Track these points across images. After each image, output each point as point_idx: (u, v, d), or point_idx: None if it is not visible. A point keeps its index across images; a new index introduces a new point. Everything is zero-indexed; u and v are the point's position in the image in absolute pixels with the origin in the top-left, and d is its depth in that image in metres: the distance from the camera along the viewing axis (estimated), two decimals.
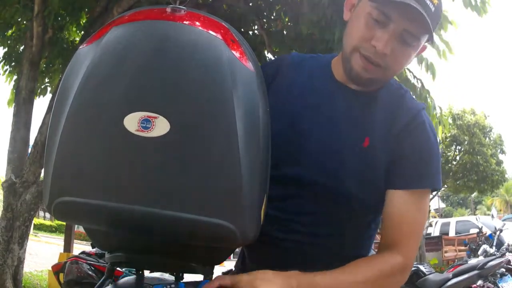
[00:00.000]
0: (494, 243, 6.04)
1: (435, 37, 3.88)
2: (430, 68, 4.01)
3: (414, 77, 4.29)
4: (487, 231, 7.36)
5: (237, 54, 0.81)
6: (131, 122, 0.72)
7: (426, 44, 1.01)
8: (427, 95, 4.29)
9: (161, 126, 0.72)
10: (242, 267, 1.14)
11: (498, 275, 5.17)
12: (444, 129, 4.59)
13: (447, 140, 14.52)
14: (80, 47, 0.83)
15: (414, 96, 4.10)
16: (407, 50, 0.95)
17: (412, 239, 0.97)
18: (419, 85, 4.28)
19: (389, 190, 0.97)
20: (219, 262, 1.02)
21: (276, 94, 1.02)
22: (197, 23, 0.82)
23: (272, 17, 4.99)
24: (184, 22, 0.81)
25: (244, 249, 1.14)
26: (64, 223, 12.37)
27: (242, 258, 1.17)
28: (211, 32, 0.80)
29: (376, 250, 1.02)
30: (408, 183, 0.96)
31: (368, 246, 1.12)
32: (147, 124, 0.72)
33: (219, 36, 0.80)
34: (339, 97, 1.03)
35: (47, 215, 25.91)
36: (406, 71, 4.27)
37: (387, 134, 0.97)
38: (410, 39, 0.93)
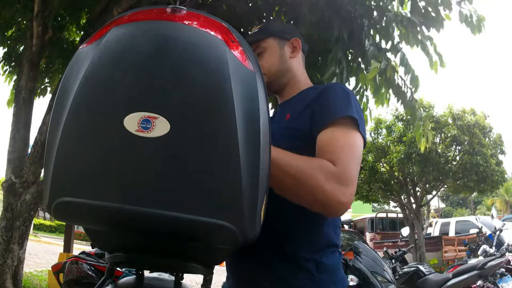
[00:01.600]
0: (494, 243, 6.04)
1: (430, 48, 3.87)
2: (414, 80, 4.03)
3: (406, 85, 4.25)
4: (487, 231, 7.35)
5: (237, 54, 0.81)
6: (131, 122, 0.72)
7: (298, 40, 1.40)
8: (415, 105, 4.26)
9: (161, 127, 0.72)
10: None
11: (498, 275, 5.17)
12: (427, 143, 4.50)
13: (447, 140, 14.52)
14: (80, 47, 0.83)
15: (402, 105, 4.07)
16: (263, 55, 1.34)
17: (344, 153, 1.06)
18: (409, 93, 4.25)
19: (316, 138, 1.13)
20: (219, 262, 1.02)
21: None
22: (197, 23, 0.82)
23: (272, 18, 4.98)
24: (184, 22, 0.81)
25: None
26: (64, 223, 12.38)
27: None
28: (211, 32, 0.80)
29: (376, 250, 1.03)
30: (322, 122, 1.13)
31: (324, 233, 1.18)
32: (147, 125, 0.72)
33: (219, 36, 0.80)
34: (275, 115, 1.38)
35: (47, 215, 25.91)
36: (399, 79, 4.23)
37: (303, 107, 1.22)
38: (257, 50, 1.34)
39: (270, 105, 1.30)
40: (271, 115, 1.21)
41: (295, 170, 1.01)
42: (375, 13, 3.81)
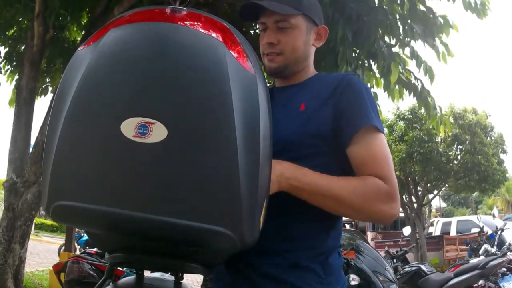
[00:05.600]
0: (496, 243, 6.02)
1: (436, 40, 3.87)
2: (428, 71, 4.02)
3: (415, 77, 4.28)
4: (488, 230, 7.33)
5: (237, 57, 0.80)
6: (128, 127, 0.71)
7: (323, 25, 1.27)
8: (427, 95, 4.28)
9: (158, 132, 0.71)
10: None
11: (500, 275, 5.15)
12: (446, 128, 4.58)
13: (449, 139, 14.49)
14: (78, 49, 0.83)
15: (414, 97, 4.09)
16: (289, 32, 1.20)
17: (386, 167, 1.10)
18: (420, 85, 4.27)
19: (347, 149, 1.12)
20: (220, 263, 1.01)
21: None
22: (198, 24, 0.81)
23: None
24: (184, 23, 0.80)
25: None
26: None
27: None
28: (211, 33, 0.79)
29: (378, 249, 1.04)
30: (352, 129, 1.11)
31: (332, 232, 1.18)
32: (144, 130, 0.71)
33: (219, 37, 0.79)
34: (279, 94, 1.25)
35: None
36: (407, 72, 4.25)
37: (321, 99, 1.16)
38: (283, 24, 1.19)
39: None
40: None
41: (353, 198, 1.06)
42: (379, 12, 3.80)
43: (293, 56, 1.22)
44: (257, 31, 5.39)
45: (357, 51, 4.13)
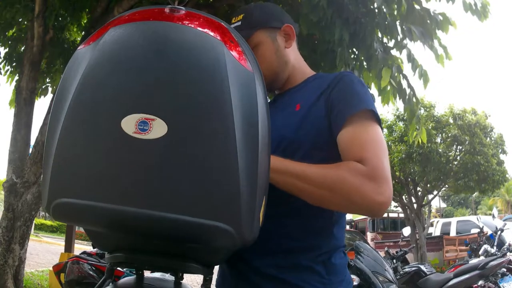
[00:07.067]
0: (495, 243, 6.03)
1: (435, 42, 3.87)
2: (423, 75, 4.02)
3: (408, 85, 4.26)
4: (488, 231, 7.33)
5: (236, 55, 0.80)
6: (129, 124, 0.71)
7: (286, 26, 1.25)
8: (415, 105, 4.26)
9: (158, 128, 0.72)
10: None
11: (499, 275, 5.15)
12: (421, 137, 4.56)
13: (448, 140, 14.52)
14: (78, 48, 0.83)
15: (403, 103, 4.07)
16: (257, 52, 1.19)
17: (370, 150, 1.02)
18: (411, 92, 4.25)
19: (337, 136, 1.08)
20: (220, 262, 1.02)
21: None
22: (196, 23, 0.82)
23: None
24: (183, 22, 0.81)
25: None
26: (65, 223, 12.37)
27: None
28: (210, 32, 0.80)
29: (377, 250, 1.03)
30: (344, 115, 1.07)
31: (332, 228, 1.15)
32: (145, 126, 0.71)
33: (218, 36, 0.80)
34: (279, 99, 1.27)
35: (48, 215, 25.90)
36: (400, 76, 4.24)
37: (315, 96, 1.15)
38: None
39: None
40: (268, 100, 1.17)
41: (324, 178, 0.99)
42: (377, 14, 3.80)
43: (271, 70, 1.22)
44: None
45: (356, 53, 4.14)
